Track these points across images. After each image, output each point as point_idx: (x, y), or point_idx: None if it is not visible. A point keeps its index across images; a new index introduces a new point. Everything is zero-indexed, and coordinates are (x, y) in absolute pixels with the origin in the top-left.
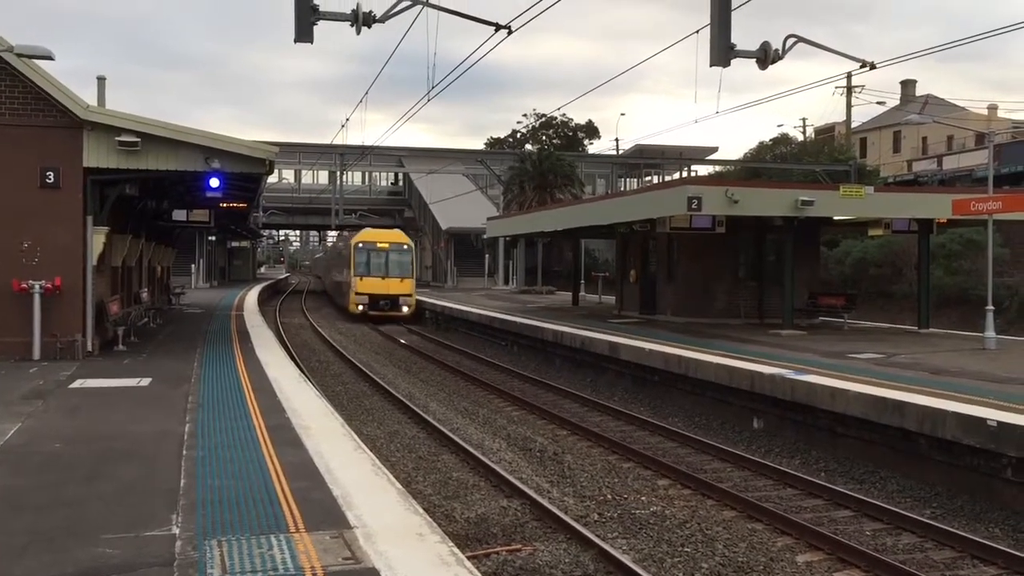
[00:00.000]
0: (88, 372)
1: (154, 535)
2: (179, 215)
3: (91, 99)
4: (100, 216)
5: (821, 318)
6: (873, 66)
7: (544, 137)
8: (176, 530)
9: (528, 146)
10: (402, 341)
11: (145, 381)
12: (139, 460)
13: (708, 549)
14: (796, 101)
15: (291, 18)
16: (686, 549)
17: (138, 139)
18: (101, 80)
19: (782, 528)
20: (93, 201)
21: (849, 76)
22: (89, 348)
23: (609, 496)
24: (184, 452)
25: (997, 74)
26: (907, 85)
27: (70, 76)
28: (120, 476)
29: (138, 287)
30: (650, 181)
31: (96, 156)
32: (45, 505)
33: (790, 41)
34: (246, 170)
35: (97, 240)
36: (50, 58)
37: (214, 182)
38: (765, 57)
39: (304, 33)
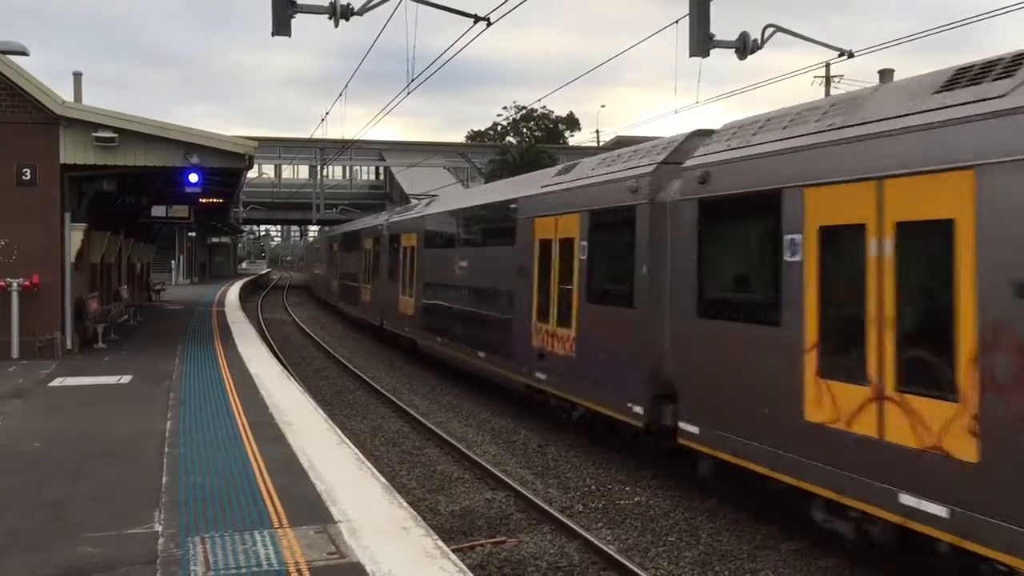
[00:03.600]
0: (68, 370)
1: (137, 533)
2: (158, 211)
3: (68, 96)
4: (78, 213)
5: None
6: (852, 55)
7: (525, 130)
8: (159, 528)
9: (509, 138)
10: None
11: (126, 379)
12: (120, 458)
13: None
14: (776, 91)
15: (269, 12)
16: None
17: (115, 135)
18: (78, 76)
19: None
20: (70, 198)
21: (828, 66)
22: (69, 346)
23: (593, 487)
24: (166, 449)
25: None
26: (885, 75)
27: (46, 73)
28: (101, 474)
29: (118, 284)
30: None
31: (73, 152)
32: (26, 504)
33: (769, 31)
34: (225, 165)
35: (75, 237)
36: (24, 54)
37: (193, 177)
38: (744, 47)
39: (282, 26)
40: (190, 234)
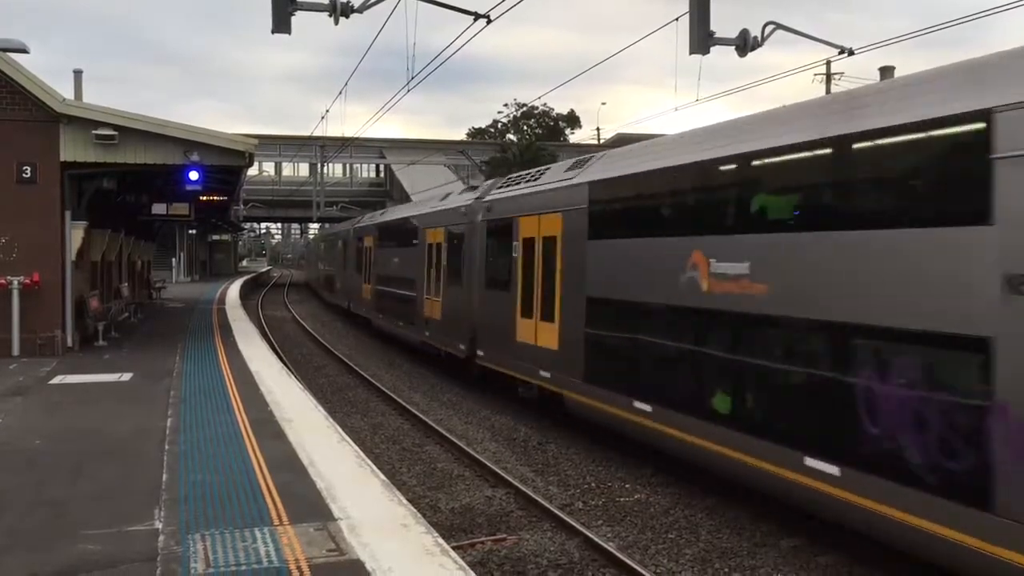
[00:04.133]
0: (68, 368)
1: (137, 530)
2: (159, 209)
3: (68, 94)
4: (78, 211)
5: None
6: (852, 52)
7: (525, 127)
8: (159, 525)
9: (510, 136)
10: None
11: (126, 376)
12: (121, 456)
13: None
14: (776, 89)
15: (269, 9)
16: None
17: (115, 132)
18: (78, 74)
19: None
20: (71, 196)
21: (828, 64)
22: (69, 344)
23: (593, 484)
24: (166, 447)
25: None
26: (886, 72)
27: (46, 71)
28: (102, 472)
29: (118, 282)
30: None
31: (73, 150)
32: (26, 502)
33: (769, 28)
34: (226, 163)
35: (75, 235)
36: (24, 51)
37: (193, 175)
38: (744, 44)
39: (282, 23)
40: (190, 232)
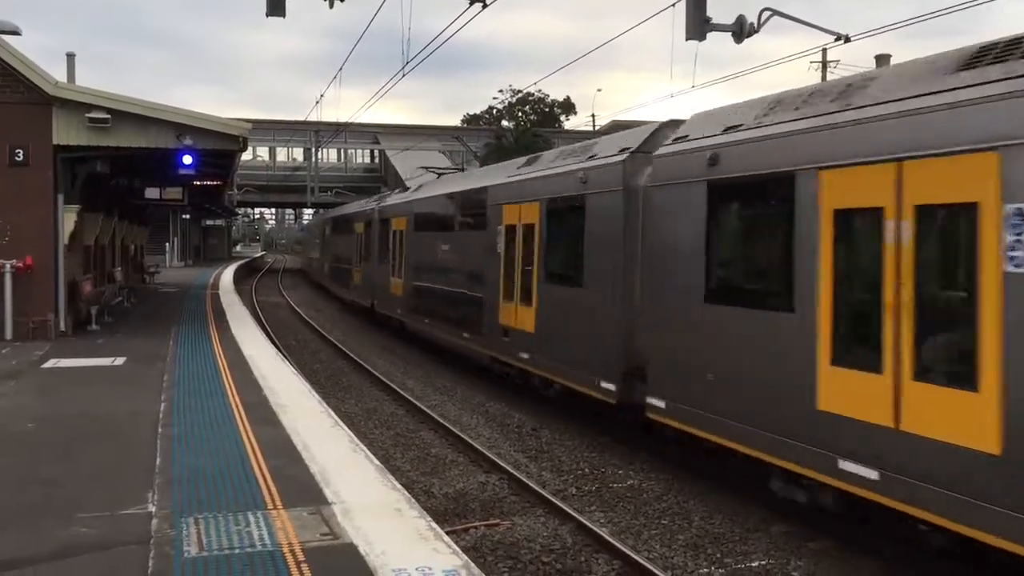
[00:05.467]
0: (61, 352)
1: (130, 513)
2: (152, 193)
3: (61, 77)
4: (71, 194)
5: None
6: (848, 39)
7: (520, 113)
8: (152, 508)
9: (504, 122)
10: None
11: (119, 360)
12: (114, 439)
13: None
14: (772, 76)
15: None
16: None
17: (109, 116)
18: (71, 57)
19: None
20: (64, 179)
21: (824, 51)
22: (62, 328)
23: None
24: (160, 430)
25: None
26: (881, 60)
27: (39, 53)
28: (95, 455)
29: (111, 266)
30: None
31: (66, 133)
32: (19, 485)
33: (765, 14)
34: (219, 147)
35: (68, 219)
36: (17, 33)
37: (187, 159)
38: (741, 31)
39: (276, 7)
40: (184, 216)
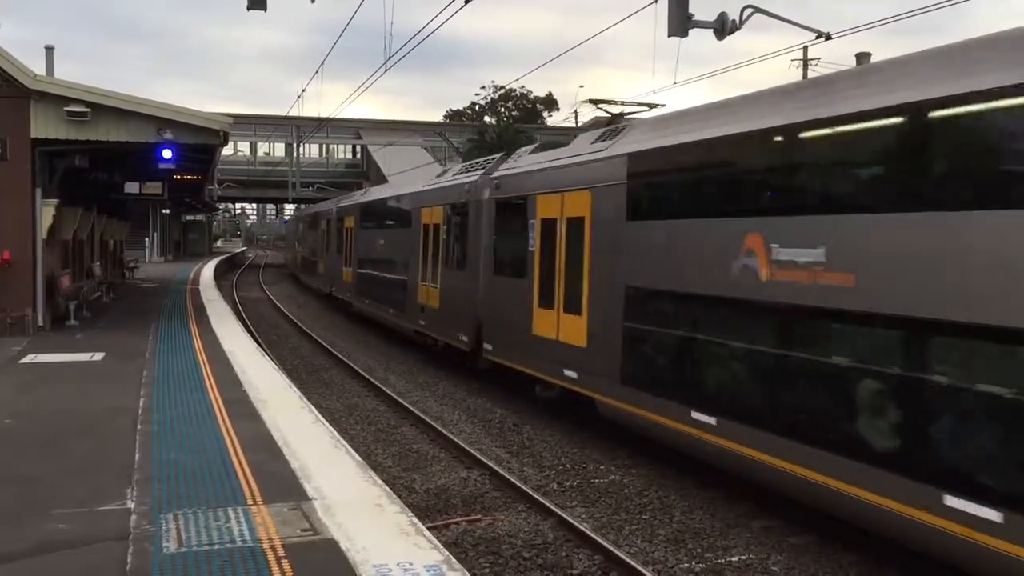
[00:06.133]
0: (39, 347)
1: (109, 510)
2: (131, 187)
3: (39, 70)
4: (49, 188)
5: None
6: (829, 36)
7: (503, 109)
8: (131, 504)
9: (487, 118)
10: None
11: (98, 356)
12: (93, 435)
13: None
14: (754, 74)
15: None
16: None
17: (88, 109)
18: (49, 50)
19: None
20: (42, 173)
21: (805, 49)
22: (40, 323)
23: (568, 466)
24: (139, 426)
25: None
26: (862, 58)
27: (17, 46)
28: (73, 451)
29: (90, 261)
30: None
31: (44, 127)
32: None
33: (747, 12)
34: (200, 141)
35: (46, 213)
36: None
37: (167, 153)
38: (723, 28)
39: (257, 0)
40: (164, 211)
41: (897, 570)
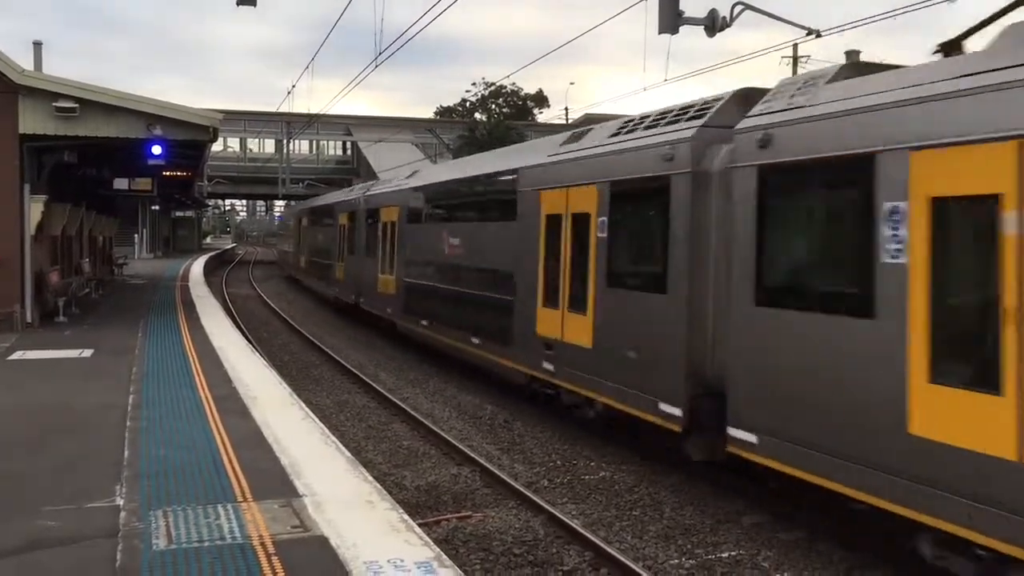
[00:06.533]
0: (28, 344)
1: (98, 507)
2: (121, 184)
3: (28, 66)
4: (38, 184)
5: None
6: (819, 34)
7: (494, 106)
8: (120, 501)
9: (478, 115)
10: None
11: (87, 352)
12: (82, 432)
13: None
14: (744, 71)
15: None
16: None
17: (76, 105)
18: (38, 45)
19: None
20: (30, 169)
21: (795, 46)
22: (29, 320)
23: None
24: (128, 423)
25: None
26: (851, 55)
27: (4, 41)
28: (62, 448)
29: (79, 257)
30: None
31: (32, 122)
32: None
33: (737, 8)
34: (190, 137)
35: (35, 209)
36: None
37: (156, 149)
38: (713, 25)
39: None
40: (153, 208)
41: (886, 565)
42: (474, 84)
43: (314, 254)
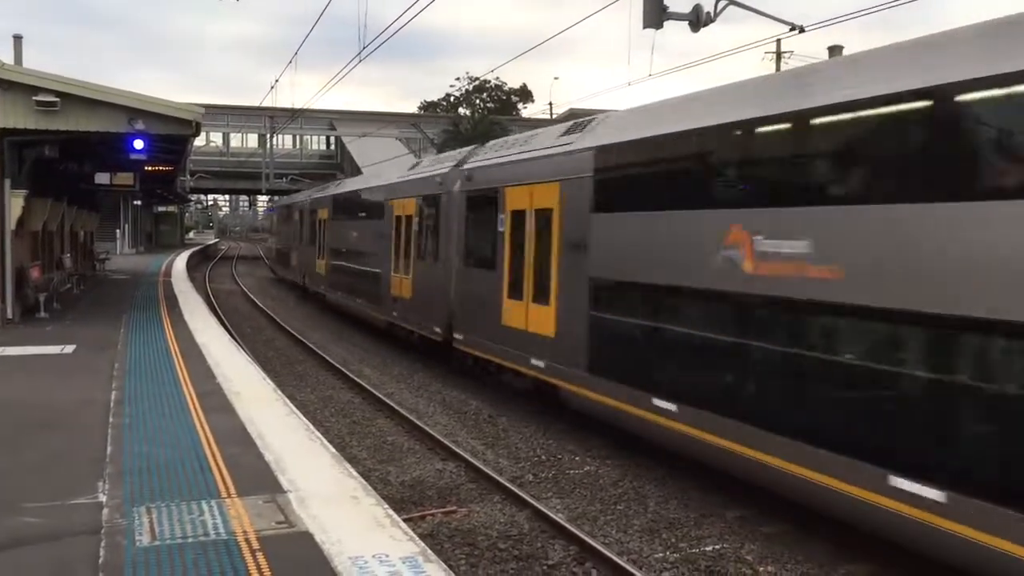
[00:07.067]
0: (9, 340)
1: (80, 503)
2: (102, 178)
3: (8, 59)
4: (18, 179)
5: None
6: (802, 30)
7: (478, 101)
8: (103, 498)
9: (462, 110)
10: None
11: (69, 348)
12: (64, 428)
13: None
14: (728, 67)
15: None
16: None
17: (57, 99)
18: (18, 39)
19: None
20: (11, 163)
21: (779, 42)
22: (9, 315)
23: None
24: (111, 419)
25: None
26: (834, 51)
27: None
28: (44, 445)
29: (60, 253)
30: None
31: (13, 116)
32: None
33: (722, 3)
34: (172, 131)
35: (15, 204)
36: None
37: (138, 144)
38: (697, 20)
39: None
40: (135, 203)
41: (867, 557)
42: (458, 79)
43: (331, 257)
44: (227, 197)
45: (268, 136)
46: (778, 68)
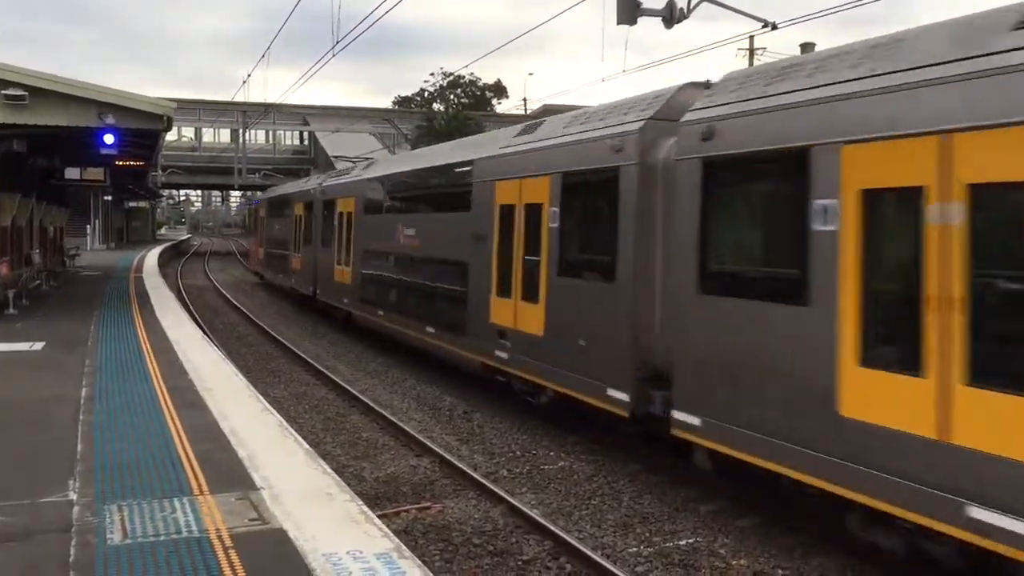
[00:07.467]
0: None
1: (51, 501)
2: (72, 173)
3: None
4: None
5: None
6: (775, 26)
7: (452, 96)
8: (74, 496)
9: (436, 105)
10: None
11: (38, 345)
12: (33, 426)
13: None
14: (702, 63)
15: None
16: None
17: (26, 93)
18: None
19: None
20: None
21: (751, 38)
22: None
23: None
24: (81, 417)
25: None
26: (807, 48)
27: None
28: (13, 442)
29: (29, 249)
30: None
31: None
32: None
33: (695, 0)
34: (143, 126)
35: None
36: None
37: (108, 138)
38: (671, 16)
39: None
40: (106, 198)
41: (840, 550)
42: (432, 74)
43: (368, 261)
44: (199, 193)
45: (241, 131)
46: (751, 63)
